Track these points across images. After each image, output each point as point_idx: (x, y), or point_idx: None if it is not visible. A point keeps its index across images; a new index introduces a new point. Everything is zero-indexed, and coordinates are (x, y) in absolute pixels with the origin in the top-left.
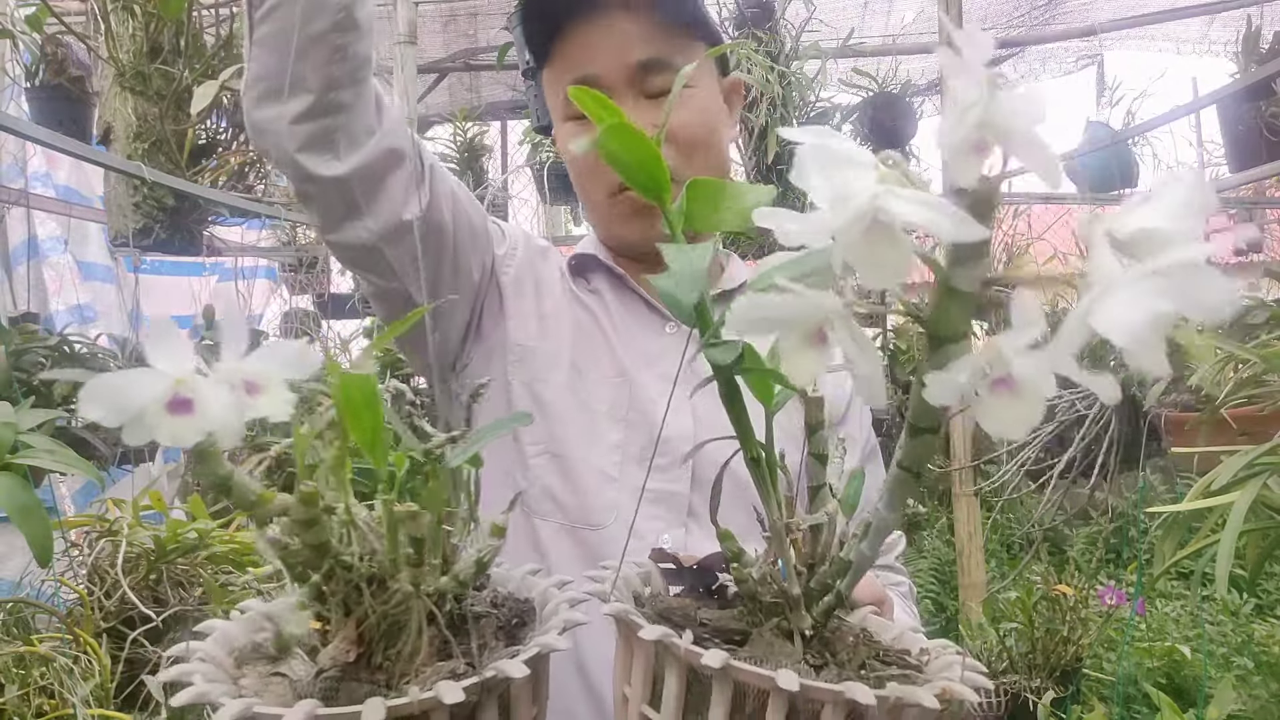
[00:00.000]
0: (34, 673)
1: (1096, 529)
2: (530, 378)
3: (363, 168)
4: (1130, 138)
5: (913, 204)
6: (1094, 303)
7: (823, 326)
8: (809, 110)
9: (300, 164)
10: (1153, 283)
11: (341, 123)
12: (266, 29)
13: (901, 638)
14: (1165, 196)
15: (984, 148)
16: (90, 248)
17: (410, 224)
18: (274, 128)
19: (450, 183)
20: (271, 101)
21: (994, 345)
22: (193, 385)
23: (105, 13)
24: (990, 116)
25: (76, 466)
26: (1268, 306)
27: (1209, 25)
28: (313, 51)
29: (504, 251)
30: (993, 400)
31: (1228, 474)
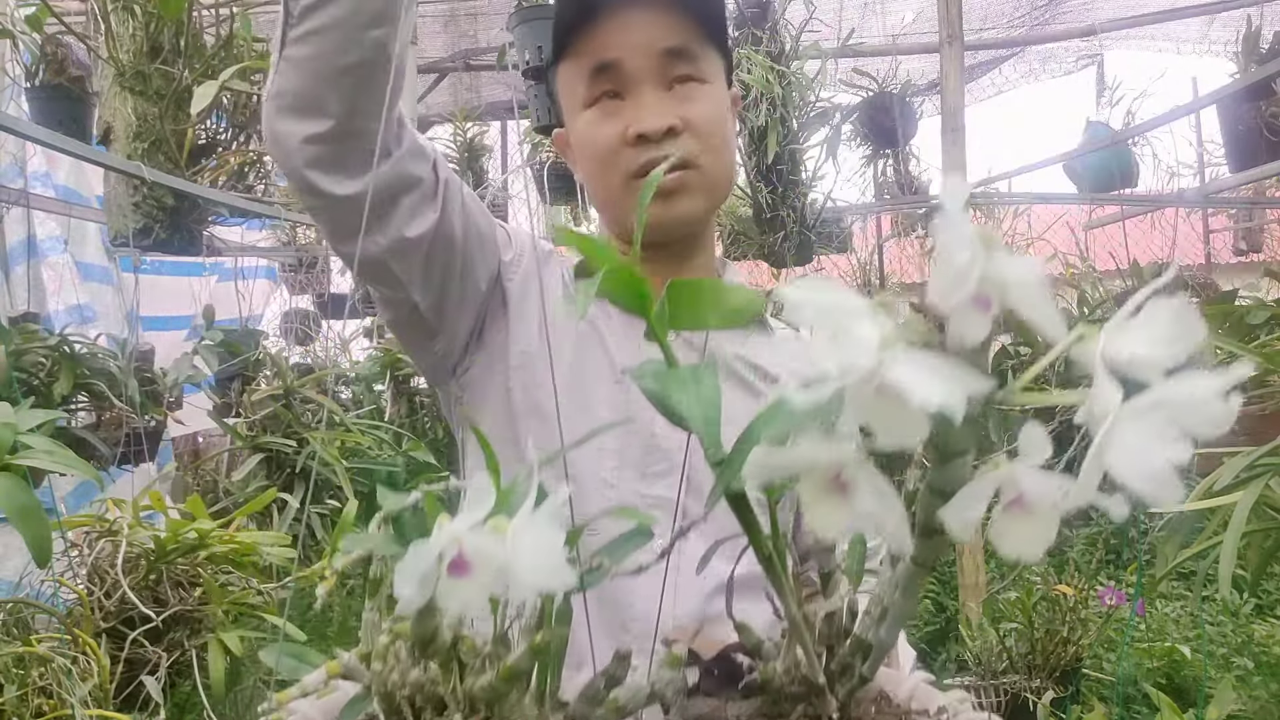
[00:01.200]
0: (33, 673)
1: (1096, 529)
2: (530, 384)
3: (375, 189)
4: (1130, 138)
5: (917, 369)
6: (1106, 442)
7: (841, 475)
8: (809, 110)
9: (310, 180)
10: (1156, 418)
11: (358, 146)
12: (298, 50)
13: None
14: (1154, 322)
15: (986, 303)
16: (88, 248)
17: (417, 240)
18: (289, 143)
19: (463, 195)
20: (291, 117)
21: (1005, 470)
22: (473, 544)
23: (105, 13)
24: (989, 274)
25: (76, 467)
26: (1268, 307)
27: (1209, 25)
28: (342, 81)
29: (510, 257)
30: (1007, 521)
31: (1230, 474)
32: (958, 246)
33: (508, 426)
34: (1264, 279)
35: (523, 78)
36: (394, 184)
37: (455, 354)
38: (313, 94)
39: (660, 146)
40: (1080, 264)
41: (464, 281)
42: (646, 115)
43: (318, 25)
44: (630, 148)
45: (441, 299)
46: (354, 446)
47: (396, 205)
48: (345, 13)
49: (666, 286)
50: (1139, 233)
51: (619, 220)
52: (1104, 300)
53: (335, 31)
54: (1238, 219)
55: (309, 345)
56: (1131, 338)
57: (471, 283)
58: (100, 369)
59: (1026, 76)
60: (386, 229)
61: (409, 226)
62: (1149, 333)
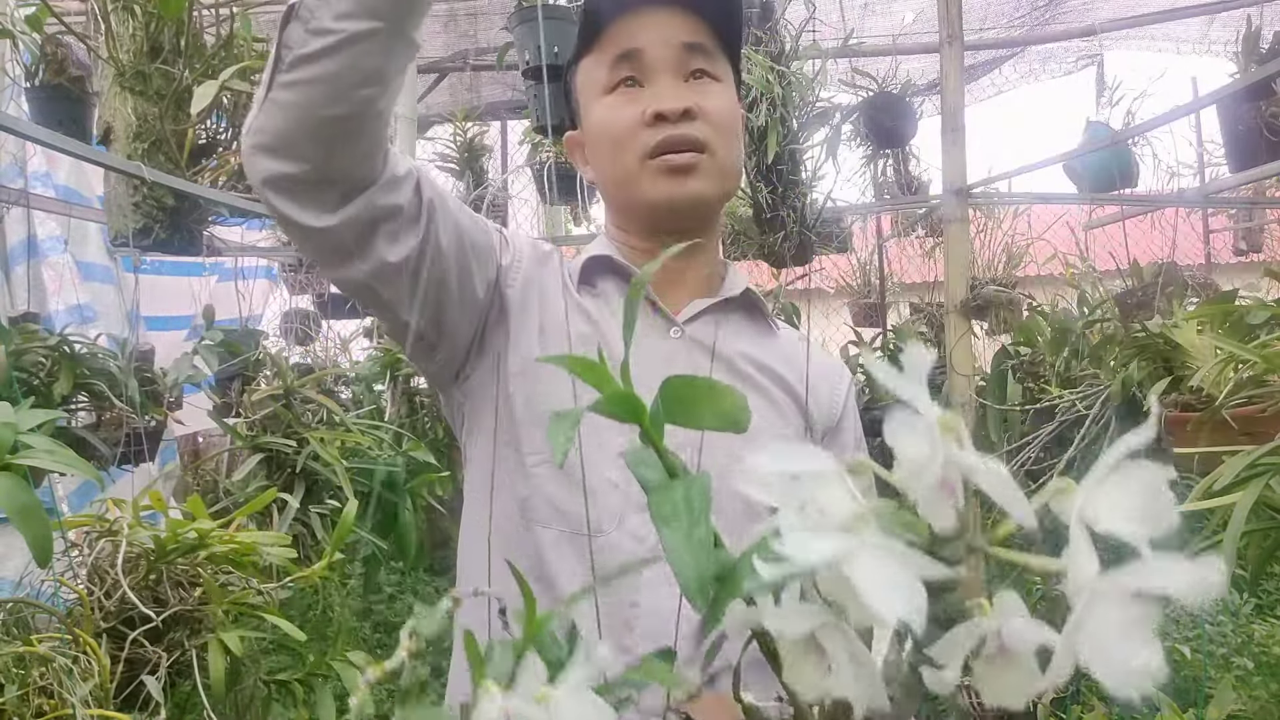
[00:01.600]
0: (33, 673)
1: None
2: (531, 389)
3: (351, 220)
4: (1130, 138)
5: (879, 567)
6: (1081, 620)
7: (816, 636)
8: (809, 110)
9: (283, 212)
10: (1133, 610)
11: (332, 189)
12: (284, 95)
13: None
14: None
15: (951, 488)
16: (89, 248)
17: (400, 264)
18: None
19: (451, 210)
20: (266, 156)
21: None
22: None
23: (105, 13)
24: (950, 461)
25: (76, 467)
26: (1268, 307)
27: (1209, 25)
28: (322, 131)
29: (508, 262)
30: (989, 669)
31: (1230, 474)
32: (919, 440)
33: (509, 431)
34: (1264, 279)
35: (523, 78)
36: (370, 215)
37: (457, 362)
38: (291, 139)
39: (677, 126)
40: (1080, 264)
41: (460, 295)
42: (665, 97)
43: (308, 76)
44: (647, 128)
45: (437, 315)
46: (354, 446)
47: (375, 233)
48: (338, 69)
49: (662, 385)
50: (1139, 233)
51: (630, 204)
52: (1104, 300)
53: (325, 85)
54: (1238, 219)
55: (309, 345)
56: (1107, 508)
57: (468, 294)
58: (100, 369)
59: (1026, 76)
60: (368, 256)
61: (390, 252)
62: (1124, 504)
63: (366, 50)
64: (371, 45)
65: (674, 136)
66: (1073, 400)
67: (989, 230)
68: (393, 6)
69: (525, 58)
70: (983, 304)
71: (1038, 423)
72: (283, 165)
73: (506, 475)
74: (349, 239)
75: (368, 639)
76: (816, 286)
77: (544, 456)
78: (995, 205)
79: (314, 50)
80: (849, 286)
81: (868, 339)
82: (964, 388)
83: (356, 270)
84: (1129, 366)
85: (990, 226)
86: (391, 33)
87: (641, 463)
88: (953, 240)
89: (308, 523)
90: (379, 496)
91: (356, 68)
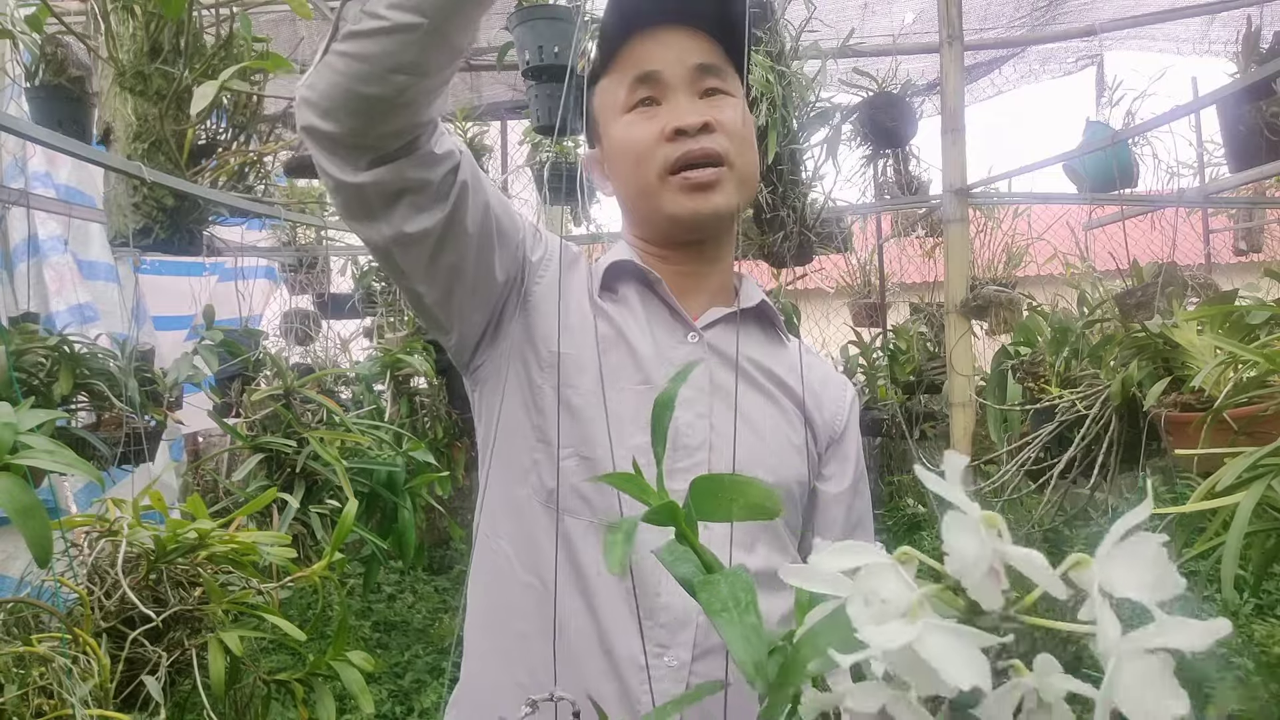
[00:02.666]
0: (33, 673)
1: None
2: (561, 383)
3: (377, 183)
4: (1130, 138)
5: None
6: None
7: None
8: (809, 110)
9: (319, 161)
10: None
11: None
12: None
13: None
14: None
15: (997, 575)
16: (93, 246)
17: (419, 236)
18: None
19: (487, 196)
20: (311, 111)
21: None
22: None
23: (105, 13)
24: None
25: (76, 467)
26: (1268, 307)
27: (1209, 25)
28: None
29: (538, 258)
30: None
31: (1232, 475)
32: (968, 537)
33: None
34: (1264, 279)
35: (523, 78)
36: (397, 184)
37: (468, 350)
38: (332, 103)
39: (697, 140)
40: (1080, 264)
41: (474, 278)
42: (683, 112)
43: (353, 50)
44: (667, 143)
45: (448, 295)
46: (354, 446)
47: (399, 200)
48: (379, 51)
49: (692, 483)
50: (1139, 233)
51: (649, 217)
52: (1104, 300)
53: (365, 62)
54: (1238, 219)
55: (309, 345)
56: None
57: (483, 279)
58: (100, 369)
59: (1026, 77)
60: (390, 219)
61: (410, 222)
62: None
63: (406, 41)
64: (411, 38)
65: (694, 150)
66: (1073, 400)
67: (989, 230)
68: (439, 8)
69: (525, 58)
70: (983, 304)
71: (1038, 423)
72: (323, 123)
73: (533, 466)
74: (373, 199)
75: (368, 639)
76: (816, 286)
77: (572, 450)
78: (995, 205)
79: (363, 29)
80: (849, 286)
81: (868, 339)
82: (964, 388)
83: (378, 232)
84: (1129, 366)
85: (990, 226)
86: (432, 30)
87: (678, 559)
88: (953, 240)
89: (308, 523)
90: (379, 496)
91: (394, 55)
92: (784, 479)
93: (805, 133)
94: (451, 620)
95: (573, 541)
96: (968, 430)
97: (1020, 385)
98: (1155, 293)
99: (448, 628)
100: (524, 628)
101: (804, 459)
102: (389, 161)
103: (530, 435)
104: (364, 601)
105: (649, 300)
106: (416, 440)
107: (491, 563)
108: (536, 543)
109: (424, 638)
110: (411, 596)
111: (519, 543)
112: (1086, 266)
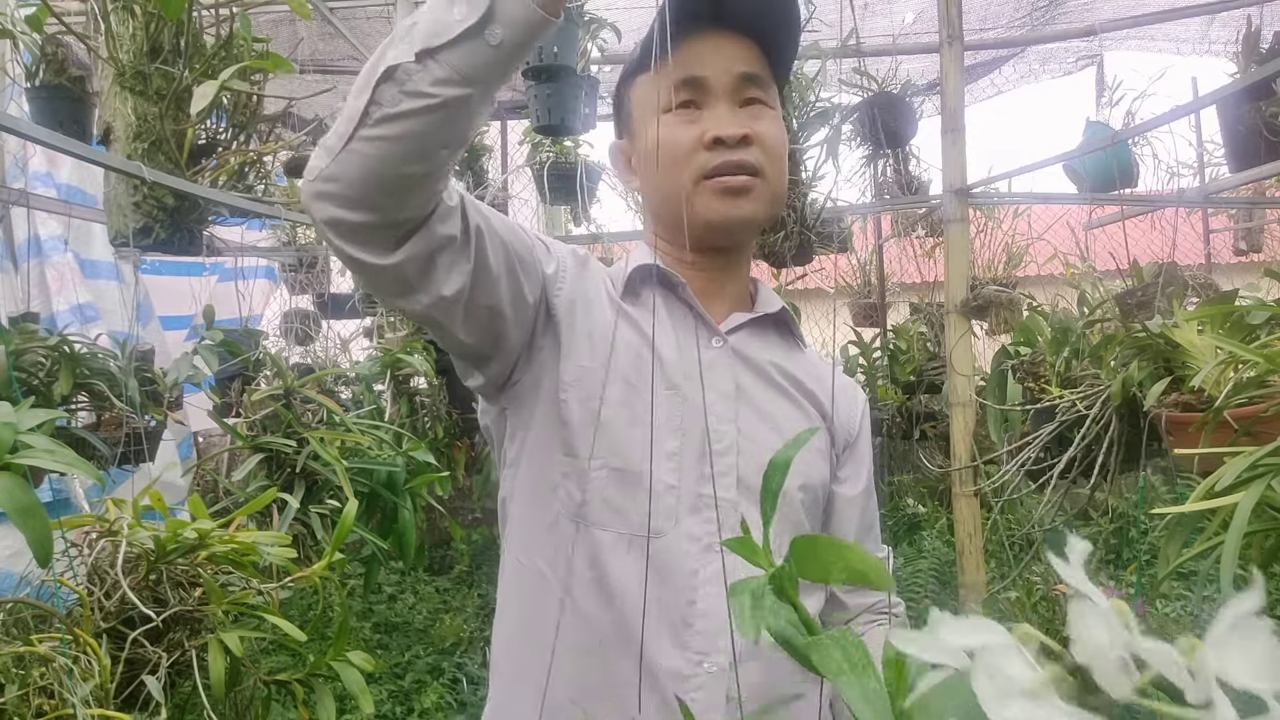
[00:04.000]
0: (34, 673)
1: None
2: (587, 395)
3: (413, 256)
4: (1130, 138)
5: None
6: None
7: None
8: (809, 110)
9: (347, 253)
10: None
11: (400, 228)
12: (364, 147)
13: None
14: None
15: (1129, 667)
16: (95, 245)
17: (456, 295)
18: (327, 224)
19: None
20: (335, 204)
21: None
22: None
23: (105, 13)
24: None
25: (76, 466)
26: (1268, 307)
27: (1209, 25)
28: (399, 186)
29: (553, 271)
30: None
31: (1231, 475)
32: (1098, 626)
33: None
34: (1264, 279)
35: (523, 78)
36: (429, 249)
37: (507, 370)
38: (364, 191)
39: (734, 151)
40: (1080, 264)
41: (514, 313)
42: (724, 122)
43: (393, 133)
44: (706, 151)
45: (488, 334)
46: (354, 446)
47: (434, 265)
48: (425, 129)
49: (792, 543)
50: (1139, 233)
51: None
52: (1104, 300)
53: (409, 142)
54: (1238, 219)
55: (309, 345)
56: (1233, 666)
57: (520, 310)
58: (100, 369)
59: (1026, 77)
60: (428, 288)
61: (446, 284)
62: (1249, 666)
63: (456, 114)
64: (462, 110)
65: (731, 161)
66: (1073, 400)
67: (989, 230)
68: (488, 74)
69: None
70: (983, 304)
71: (1038, 423)
72: (351, 214)
73: (560, 479)
74: (411, 273)
75: (368, 639)
76: (817, 286)
77: (603, 461)
78: (995, 205)
79: (403, 110)
80: (849, 286)
81: (868, 339)
82: (964, 388)
83: (416, 302)
84: (1129, 366)
85: (990, 226)
86: (481, 96)
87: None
88: (953, 240)
89: (308, 523)
90: (379, 496)
91: (443, 130)
92: (811, 481)
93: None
94: (452, 621)
95: (600, 554)
96: (968, 430)
97: (1020, 385)
98: (1155, 293)
99: (448, 628)
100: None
101: (827, 462)
102: (418, 230)
103: (558, 450)
104: (364, 602)
105: (672, 305)
106: (417, 440)
107: (528, 583)
108: (567, 559)
109: (424, 638)
110: (412, 597)
111: (553, 561)
112: (1086, 266)
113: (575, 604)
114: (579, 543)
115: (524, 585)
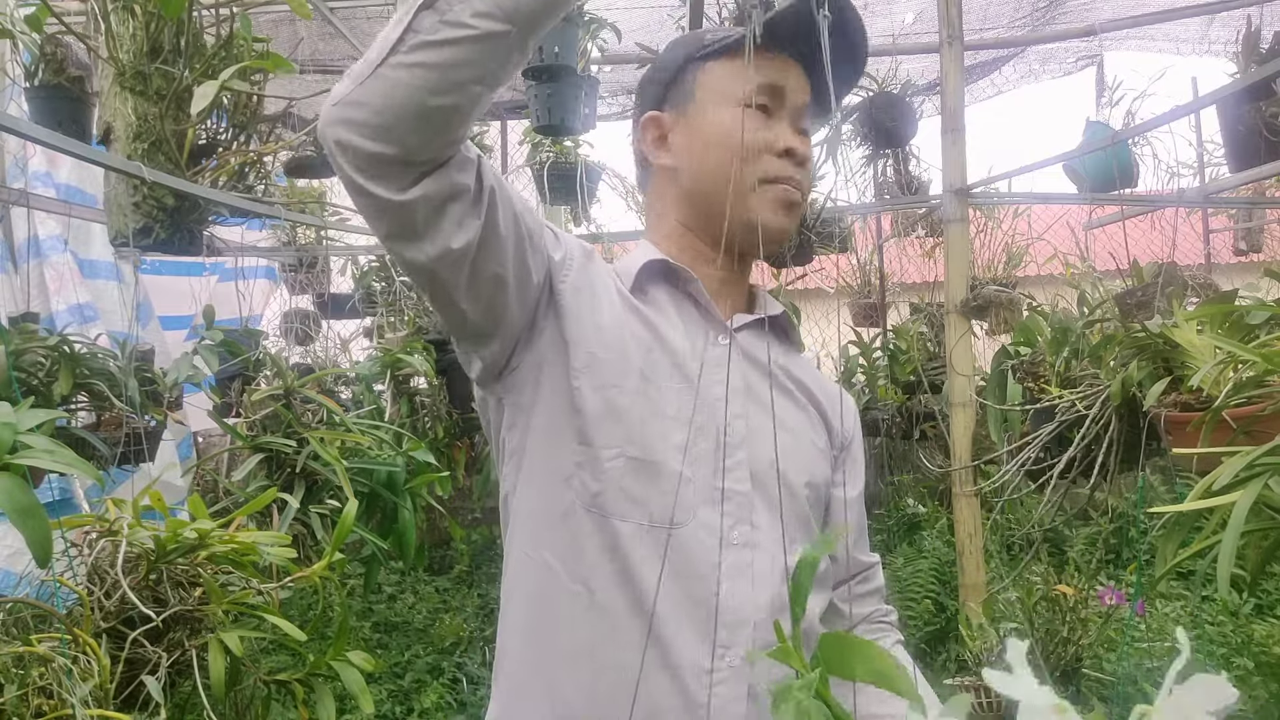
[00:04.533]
0: (33, 673)
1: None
2: (601, 383)
3: (426, 197)
4: (1130, 138)
5: None
6: None
7: None
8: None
9: (360, 184)
10: None
11: (417, 169)
12: (396, 74)
13: None
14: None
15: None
16: (94, 245)
17: (463, 250)
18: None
19: (510, 199)
20: (358, 133)
21: None
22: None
23: (105, 13)
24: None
25: (76, 466)
26: (1268, 307)
27: (1209, 25)
28: (425, 118)
29: (560, 257)
30: None
31: (1229, 474)
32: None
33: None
34: (1264, 279)
35: (523, 78)
36: (442, 194)
37: (506, 354)
38: (391, 122)
39: (799, 168)
40: (1080, 264)
41: (517, 284)
42: (796, 140)
43: (429, 59)
44: (776, 157)
45: (491, 306)
46: (354, 446)
47: (444, 213)
48: (459, 60)
49: (821, 640)
50: (1139, 233)
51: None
52: (1104, 300)
53: (441, 71)
54: (1238, 219)
55: (309, 345)
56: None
57: (524, 283)
58: (100, 369)
59: (1026, 77)
60: (436, 238)
61: (454, 237)
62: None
63: (491, 50)
64: (498, 46)
65: (794, 176)
66: (1073, 400)
67: (989, 230)
68: (528, 15)
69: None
70: (983, 304)
71: (1038, 423)
72: (370, 144)
73: (574, 469)
74: (419, 216)
75: (368, 639)
76: (817, 286)
77: (618, 450)
78: (995, 205)
79: (441, 38)
80: (849, 286)
81: (868, 339)
82: (964, 388)
83: (422, 251)
84: (1129, 366)
85: (990, 226)
86: (518, 38)
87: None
88: (953, 240)
89: (308, 523)
90: (379, 496)
91: (475, 63)
92: (815, 479)
93: None
94: (452, 620)
95: (622, 544)
96: (968, 430)
97: (1020, 385)
98: (1155, 293)
99: (448, 628)
100: (572, 641)
101: (827, 462)
102: (433, 173)
103: (571, 439)
104: (364, 602)
105: (680, 301)
106: (416, 440)
107: (534, 577)
108: (582, 550)
109: (424, 638)
110: (412, 597)
111: (564, 553)
112: (1086, 266)
113: (593, 596)
114: (597, 533)
115: (531, 579)
